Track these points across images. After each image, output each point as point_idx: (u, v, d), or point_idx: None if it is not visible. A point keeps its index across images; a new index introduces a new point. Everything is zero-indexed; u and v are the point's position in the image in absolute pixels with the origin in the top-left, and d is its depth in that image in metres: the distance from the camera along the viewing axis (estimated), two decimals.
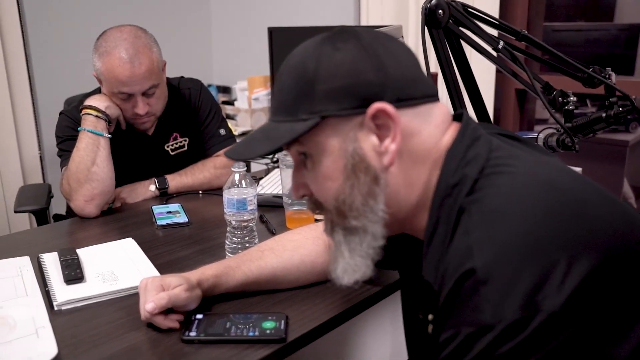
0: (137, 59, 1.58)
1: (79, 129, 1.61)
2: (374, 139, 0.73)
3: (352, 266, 0.79)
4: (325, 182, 0.77)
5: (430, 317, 0.81)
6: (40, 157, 2.85)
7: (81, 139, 1.59)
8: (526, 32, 1.30)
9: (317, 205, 0.82)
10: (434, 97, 0.77)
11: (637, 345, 0.63)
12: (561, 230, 0.64)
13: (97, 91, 1.73)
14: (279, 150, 0.78)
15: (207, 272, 1.05)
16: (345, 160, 0.74)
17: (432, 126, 0.75)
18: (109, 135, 1.62)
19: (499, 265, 0.62)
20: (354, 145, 0.74)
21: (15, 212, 1.99)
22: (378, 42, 0.74)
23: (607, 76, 1.34)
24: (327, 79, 0.72)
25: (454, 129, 0.78)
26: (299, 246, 1.13)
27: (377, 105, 0.71)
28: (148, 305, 0.96)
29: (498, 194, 0.69)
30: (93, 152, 1.57)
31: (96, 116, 1.60)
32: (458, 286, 0.64)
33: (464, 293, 0.64)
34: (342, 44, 0.73)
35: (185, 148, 1.86)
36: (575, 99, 1.34)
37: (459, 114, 0.80)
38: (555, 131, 1.43)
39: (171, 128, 1.83)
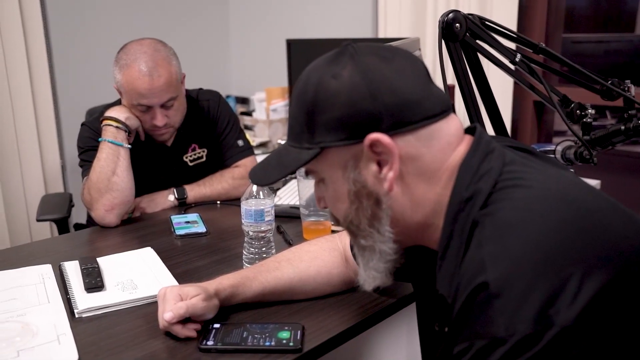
0: (156, 72, 1.61)
1: (99, 139, 1.64)
2: (374, 167, 0.75)
3: (369, 277, 0.85)
4: (335, 204, 0.82)
5: (446, 329, 0.81)
6: (62, 166, 2.90)
7: (102, 149, 1.62)
8: (544, 44, 1.30)
9: (335, 220, 0.86)
10: (440, 115, 0.75)
11: None
12: (574, 243, 0.64)
13: (118, 102, 1.76)
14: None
15: (224, 282, 1.06)
16: (348, 187, 0.77)
17: (435, 149, 0.75)
18: (129, 146, 1.64)
19: (512, 279, 0.63)
20: (354, 173, 0.76)
21: (37, 220, 2.03)
22: (377, 63, 0.74)
23: (626, 88, 1.33)
24: (324, 110, 0.74)
25: (466, 143, 0.78)
26: (316, 257, 1.14)
27: (372, 136, 0.72)
28: (166, 314, 0.98)
29: (510, 207, 0.69)
30: (113, 162, 1.60)
31: (116, 127, 1.63)
32: (471, 299, 0.65)
33: (476, 306, 0.64)
34: (339, 69, 0.74)
35: (204, 159, 1.88)
36: (593, 111, 1.33)
37: (472, 127, 0.80)
38: (573, 144, 1.42)
39: (190, 139, 1.85)
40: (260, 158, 2.12)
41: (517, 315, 0.60)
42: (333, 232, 1.50)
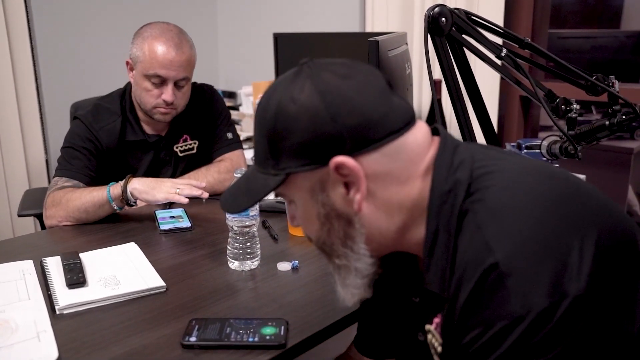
0: (181, 48, 1.67)
1: (108, 187, 1.55)
2: (341, 189, 0.73)
3: (349, 294, 0.82)
4: (306, 225, 0.81)
5: (427, 327, 0.80)
6: (46, 161, 2.87)
7: (97, 194, 1.55)
8: (529, 39, 1.30)
9: (309, 238, 0.84)
10: (405, 128, 0.73)
11: None
12: (570, 215, 0.67)
13: (111, 95, 1.79)
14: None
15: None
16: (317, 209, 0.76)
17: (404, 161, 0.73)
18: (117, 209, 1.58)
19: (521, 257, 0.64)
20: (322, 196, 0.75)
21: (19, 215, 2.00)
22: (336, 82, 0.72)
23: (610, 84, 1.34)
24: (285, 136, 0.72)
25: (435, 146, 0.77)
26: None
27: (336, 160, 0.70)
28: None
29: (500, 190, 0.70)
30: (92, 206, 1.55)
31: (126, 199, 1.54)
32: (481, 282, 0.65)
33: (488, 288, 0.64)
34: (297, 92, 0.72)
35: (194, 151, 1.88)
36: (578, 106, 1.34)
37: (434, 128, 0.80)
38: (558, 138, 1.43)
39: (182, 130, 1.85)
40: (247, 152, 2.10)
41: (531, 291, 0.62)
42: None
